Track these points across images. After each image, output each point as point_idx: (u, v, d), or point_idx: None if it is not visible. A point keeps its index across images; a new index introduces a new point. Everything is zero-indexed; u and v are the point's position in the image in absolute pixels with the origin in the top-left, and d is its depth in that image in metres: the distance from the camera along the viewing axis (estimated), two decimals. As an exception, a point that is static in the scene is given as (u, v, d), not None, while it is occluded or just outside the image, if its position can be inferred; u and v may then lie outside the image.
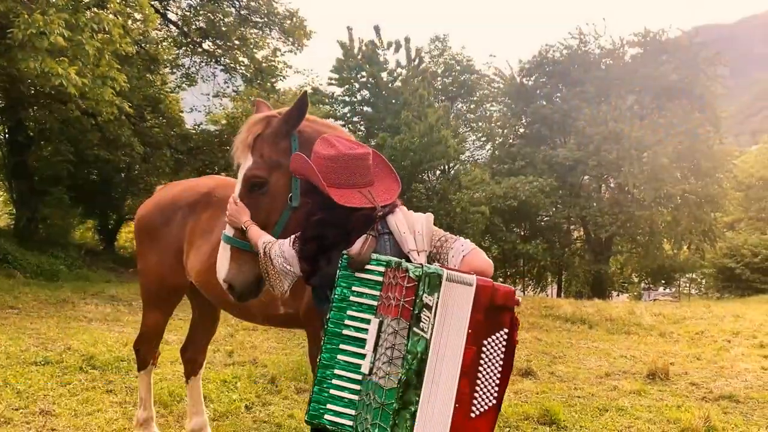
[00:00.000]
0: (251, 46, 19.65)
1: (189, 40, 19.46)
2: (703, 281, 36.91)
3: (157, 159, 18.47)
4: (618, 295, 33.35)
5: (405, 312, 1.81)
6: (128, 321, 9.38)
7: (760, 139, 58.78)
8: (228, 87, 21.54)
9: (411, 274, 1.83)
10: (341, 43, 22.40)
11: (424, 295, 1.81)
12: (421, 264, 1.88)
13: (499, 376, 1.94)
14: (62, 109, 15.13)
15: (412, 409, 1.77)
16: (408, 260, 2.06)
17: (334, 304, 1.94)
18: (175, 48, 20.18)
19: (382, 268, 1.92)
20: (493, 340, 1.93)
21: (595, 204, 28.21)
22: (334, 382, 1.88)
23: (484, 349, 1.91)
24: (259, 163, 2.54)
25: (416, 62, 22.73)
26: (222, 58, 20.11)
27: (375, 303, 1.90)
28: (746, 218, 40.12)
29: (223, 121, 22.00)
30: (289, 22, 19.32)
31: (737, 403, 6.28)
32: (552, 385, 6.75)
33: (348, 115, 23.28)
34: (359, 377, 1.86)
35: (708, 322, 13.84)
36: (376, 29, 22.68)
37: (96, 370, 5.91)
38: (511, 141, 30.56)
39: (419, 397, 1.78)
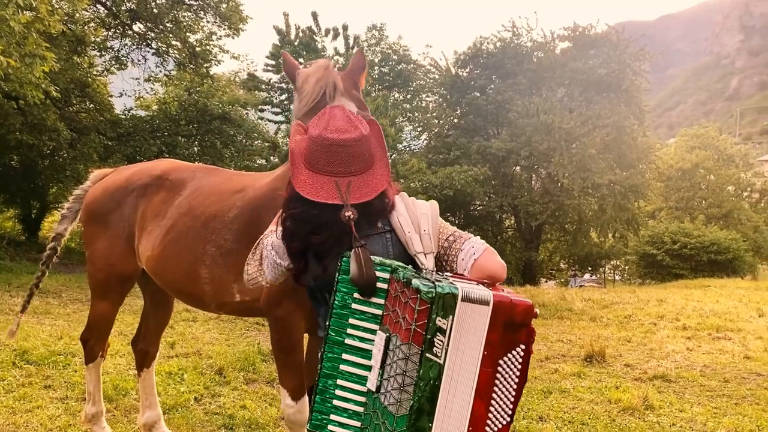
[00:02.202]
0: (184, 30, 18.99)
1: (118, 21, 18.65)
2: (626, 268, 38.49)
3: (84, 145, 17.59)
4: (546, 282, 34.37)
5: (417, 337, 1.66)
6: (60, 314, 8.97)
7: (677, 132, 61.67)
8: (160, 71, 20.78)
9: (423, 297, 1.65)
10: (278, 29, 22.04)
11: (438, 318, 1.65)
12: (433, 283, 1.69)
13: (514, 393, 1.84)
14: (-20, 92, 14.23)
15: None
16: (414, 264, 1.93)
17: (334, 311, 1.81)
18: (103, 29, 19.24)
19: (386, 275, 1.78)
20: (510, 359, 1.80)
21: (526, 194, 28.87)
22: (338, 392, 1.79)
23: (500, 368, 1.78)
24: (363, 107, 2.40)
25: (354, 50, 22.58)
26: (153, 42, 19.38)
27: (379, 312, 1.78)
28: (666, 207, 42.10)
29: (154, 107, 21.24)
30: (224, 5, 18.79)
31: (669, 383, 6.61)
32: (496, 370, 6.90)
33: (285, 102, 22.96)
34: (364, 389, 1.77)
35: (634, 307, 14.44)
36: (314, 15, 22.44)
37: (31, 366, 5.62)
38: (446, 131, 30.84)
39: (432, 423, 1.68)
